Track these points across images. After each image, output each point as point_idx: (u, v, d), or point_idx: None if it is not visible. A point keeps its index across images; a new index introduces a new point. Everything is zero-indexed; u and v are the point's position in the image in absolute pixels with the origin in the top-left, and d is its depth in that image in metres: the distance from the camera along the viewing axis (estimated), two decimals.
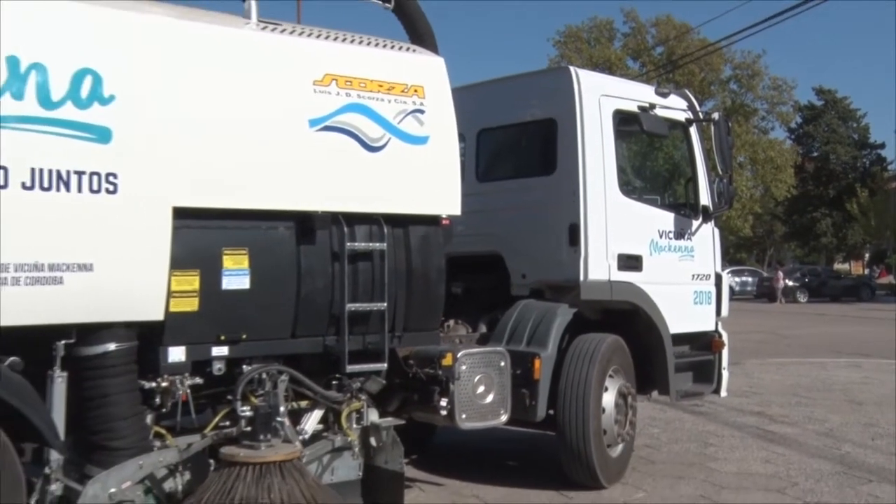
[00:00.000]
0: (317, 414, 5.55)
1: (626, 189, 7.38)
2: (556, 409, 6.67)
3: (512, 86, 7.91)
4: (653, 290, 7.23)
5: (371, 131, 5.47)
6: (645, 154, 9.01)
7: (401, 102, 5.62)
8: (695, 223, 7.78)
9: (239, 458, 4.88)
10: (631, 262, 7.19)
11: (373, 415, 5.72)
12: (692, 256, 7.73)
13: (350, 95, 5.42)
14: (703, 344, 7.91)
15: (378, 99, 5.53)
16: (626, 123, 7.36)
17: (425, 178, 5.75)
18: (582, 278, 6.90)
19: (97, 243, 4.48)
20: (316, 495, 4.97)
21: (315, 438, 5.51)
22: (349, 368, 5.43)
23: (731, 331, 8.30)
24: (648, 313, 7.21)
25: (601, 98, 7.17)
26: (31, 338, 4.41)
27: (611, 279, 7.04)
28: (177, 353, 4.85)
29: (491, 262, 7.36)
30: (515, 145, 8.13)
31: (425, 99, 5.73)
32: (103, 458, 4.68)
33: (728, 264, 41.73)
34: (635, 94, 7.53)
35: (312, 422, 5.53)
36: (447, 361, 5.86)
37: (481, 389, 6.03)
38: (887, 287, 50.74)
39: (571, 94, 7.05)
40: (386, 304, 5.51)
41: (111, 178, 4.51)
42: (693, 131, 7.94)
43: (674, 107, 7.76)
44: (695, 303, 7.77)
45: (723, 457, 7.98)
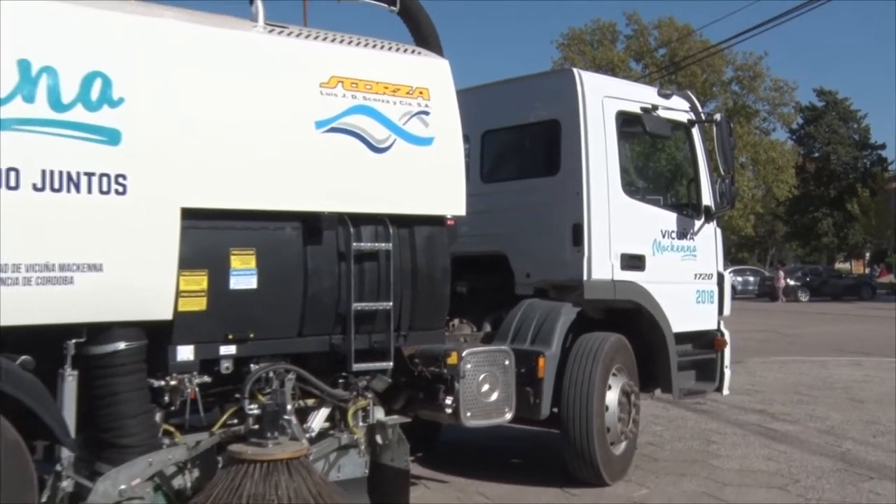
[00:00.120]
0: (323, 412, 5.56)
1: (630, 189, 7.37)
2: (560, 408, 6.67)
3: (516, 88, 7.91)
4: (656, 290, 7.22)
5: (377, 133, 5.48)
6: (648, 155, 9.01)
7: (406, 104, 5.63)
8: (697, 223, 7.76)
9: (247, 456, 4.89)
10: (634, 262, 7.18)
11: (379, 413, 5.72)
12: (694, 256, 7.72)
13: (356, 97, 5.42)
14: (706, 342, 7.90)
15: (383, 101, 5.53)
16: (629, 124, 7.36)
17: (430, 179, 5.75)
18: (585, 278, 6.89)
19: (107, 244, 4.49)
20: (322, 492, 4.98)
21: (322, 436, 5.52)
22: (355, 367, 5.44)
23: (734, 329, 8.29)
24: (651, 312, 7.21)
25: (604, 99, 7.16)
26: (43, 337, 4.43)
27: (614, 279, 7.04)
28: (185, 352, 4.86)
29: (495, 262, 7.36)
30: (519, 146, 8.12)
31: (430, 101, 5.74)
32: (113, 456, 4.69)
33: (730, 264, 41.68)
34: (638, 96, 7.53)
35: (319, 420, 5.53)
36: (452, 360, 5.86)
37: (486, 388, 6.03)
38: (888, 286, 50.64)
39: (575, 96, 7.04)
40: (391, 304, 5.51)
41: (120, 180, 4.52)
42: (695, 132, 7.93)
43: (676, 108, 7.75)
44: (697, 302, 7.76)
45: (725, 454, 7.97)
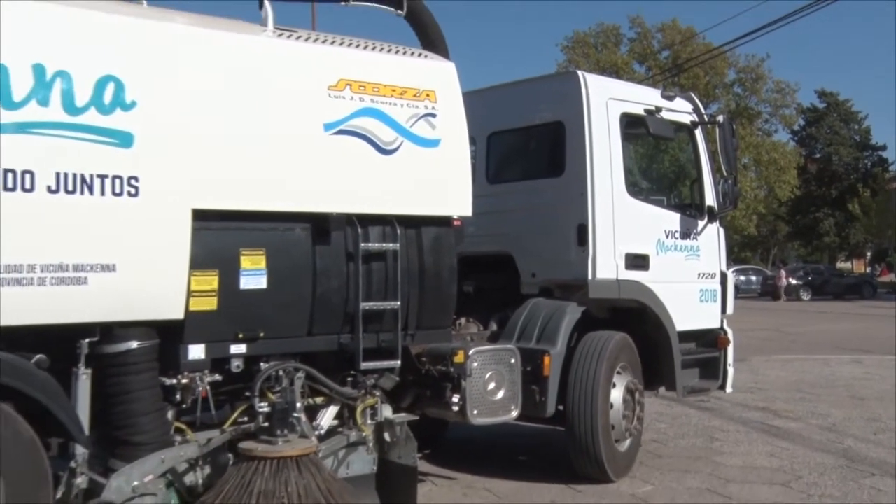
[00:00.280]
0: (332, 410, 5.56)
1: (633, 190, 7.36)
2: (566, 405, 6.66)
3: (521, 90, 7.91)
4: (659, 289, 7.21)
5: (384, 135, 5.48)
6: (651, 156, 8.99)
7: (413, 107, 5.62)
8: (700, 223, 7.75)
9: (257, 453, 4.90)
10: (638, 262, 7.17)
11: (387, 411, 5.72)
12: (698, 255, 7.70)
13: (364, 100, 5.42)
14: (709, 341, 7.89)
15: (391, 103, 5.53)
16: (633, 126, 7.35)
17: (437, 180, 5.75)
18: (590, 277, 6.89)
19: (120, 244, 4.50)
20: (332, 489, 4.98)
21: (330, 434, 5.52)
22: (363, 365, 5.44)
23: (737, 328, 8.28)
24: (655, 311, 7.20)
25: (608, 101, 7.15)
26: (57, 336, 4.44)
27: (618, 278, 7.03)
28: (197, 351, 4.87)
29: (501, 262, 7.35)
30: (525, 148, 8.11)
31: (437, 103, 5.73)
32: (126, 453, 4.70)
33: (733, 263, 41.63)
34: (642, 98, 7.52)
35: (328, 417, 5.53)
36: (459, 359, 5.86)
37: (492, 386, 6.03)
38: (888, 285, 50.45)
39: (579, 98, 7.04)
40: (399, 303, 5.52)
41: (133, 182, 4.53)
42: (698, 133, 7.92)
43: (679, 110, 7.74)
44: (701, 301, 7.75)
45: (728, 451, 7.95)
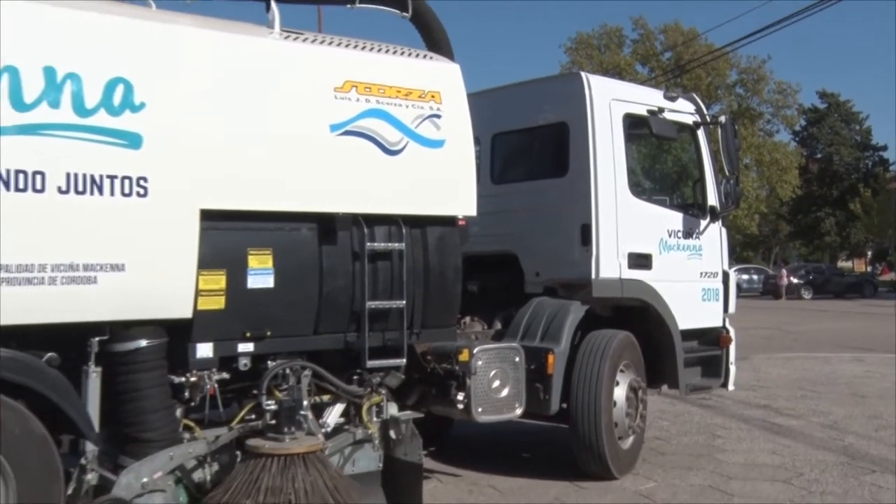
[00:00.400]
0: (338, 408, 5.56)
1: (636, 190, 7.35)
2: (569, 403, 6.66)
3: (525, 91, 7.90)
4: (662, 288, 7.20)
5: (390, 135, 5.48)
6: (654, 156, 8.97)
7: (418, 108, 5.63)
8: (703, 223, 7.74)
9: (264, 450, 4.91)
10: (641, 261, 7.16)
11: (392, 408, 5.73)
12: (700, 255, 7.69)
13: (369, 101, 5.43)
14: (712, 339, 7.87)
15: (396, 104, 5.53)
16: (636, 127, 7.34)
17: (442, 181, 5.75)
18: (594, 276, 6.88)
19: (129, 244, 4.51)
20: (338, 485, 4.99)
21: (337, 431, 5.52)
22: (369, 364, 5.45)
23: (739, 327, 8.26)
24: (658, 310, 7.19)
25: (612, 102, 7.15)
26: (68, 335, 4.46)
27: (621, 277, 7.02)
28: (205, 350, 4.88)
29: (506, 261, 7.35)
30: (529, 148, 8.11)
31: (442, 104, 5.74)
32: (136, 450, 4.72)
33: (735, 262, 41.54)
34: (644, 99, 7.51)
35: (334, 415, 5.54)
36: (464, 357, 5.86)
37: (497, 384, 6.02)
38: (889, 284, 50.36)
39: (583, 99, 7.03)
40: (404, 302, 5.52)
41: (142, 182, 4.54)
42: (700, 134, 7.90)
43: (682, 110, 7.73)
44: (703, 300, 7.73)
45: (730, 448, 7.94)
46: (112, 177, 4.45)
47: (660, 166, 9.28)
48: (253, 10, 5.56)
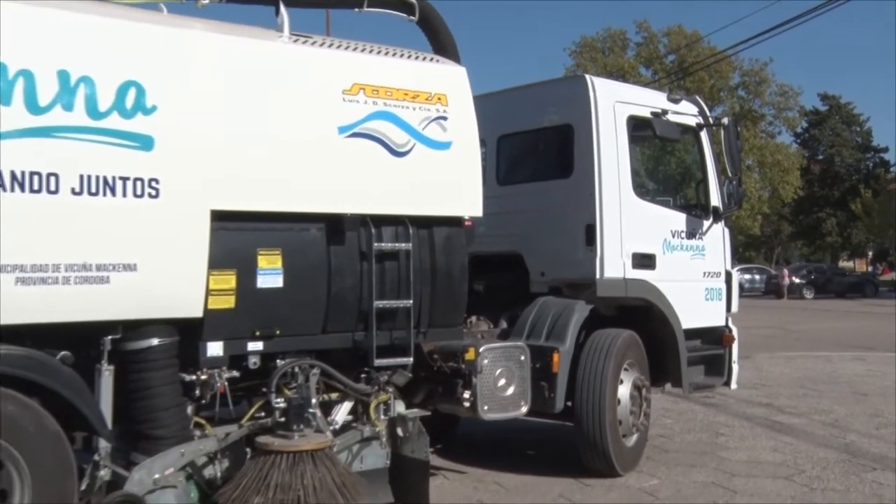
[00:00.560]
0: (346, 405, 5.57)
1: (640, 191, 7.33)
2: (574, 401, 6.65)
3: (530, 93, 7.90)
4: (666, 288, 7.19)
5: (397, 137, 5.49)
6: (658, 158, 8.96)
7: (425, 110, 5.63)
8: (706, 223, 7.72)
9: (274, 447, 4.92)
10: (645, 261, 7.15)
11: (399, 406, 5.73)
12: (703, 255, 7.68)
13: (377, 104, 5.43)
14: (714, 338, 7.85)
15: (403, 107, 5.54)
16: (640, 128, 7.33)
17: (448, 182, 5.75)
18: (598, 276, 6.87)
19: (141, 245, 4.53)
20: (346, 482, 5.00)
21: (345, 429, 5.53)
22: (377, 362, 5.45)
23: (741, 326, 8.24)
24: (662, 309, 7.18)
25: (616, 104, 7.14)
26: (81, 333, 4.48)
27: (625, 277, 7.01)
28: (215, 348, 4.90)
29: (511, 261, 7.35)
30: (534, 150, 8.11)
31: (448, 106, 5.74)
32: (148, 447, 4.73)
33: (737, 262, 41.41)
34: (648, 101, 7.51)
35: (342, 413, 5.55)
36: (470, 356, 5.86)
37: (502, 382, 6.02)
38: (890, 283, 50.21)
39: (587, 101, 7.03)
40: (411, 302, 5.52)
41: (153, 184, 4.56)
42: (703, 135, 7.89)
43: (685, 112, 7.72)
44: (706, 299, 7.72)
45: (733, 446, 7.93)
46: (124, 178, 4.46)
47: (663, 167, 9.27)
48: (262, 14, 5.58)
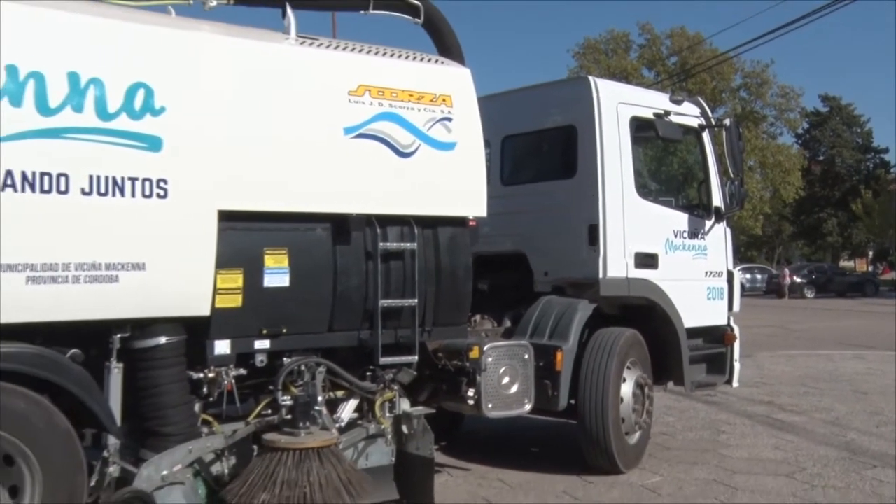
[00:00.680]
0: (352, 403, 5.57)
1: (643, 191, 7.32)
2: (577, 399, 6.65)
3: (534, 95, 7.89)
4: (668, 287, 7.18)
5: (402, 138, 5.49)
6: (660, 158, 8.95)
7: (430, 111, 5.63)
8: (708, 223, 7.71)
9: (280, 444, 4.92)
10: (647, 261, 7.14)
11: (405, 404, 5.73)
12: (705, 255, 7.66)
13: (382, 105, 5.43)
14: (716, 337, 7.84)
15: (408, 108, 5.54)
16: (643, 129, 7.32)
17: (453, 182, 5.75)
18: (601, 276, 6.86)
19: (149, 244, 4.53)
20: (351, 479, 5.00)
21: (350, 426, 5.53)
22: (382, 361, 5.45)
23: (743, 325, 8.23)
24: (664, 308, 7.17)
25: (619, 105, 7.13)
26: (90, 332, 4.49)
27: (628, 276, 7.00)
28: (222, 346, 4.90)
29: (515, 261, 7.34)
30: (538, 151, 8.10)
31: (453, 107, 5.73)
32: (156, 443, 4.74)
33: (739, 262, 41.27)
34: (651, 102, 7.50)
35: (348, 410, 5.55)
36: (474, 354, 5.85)
37: (506, 380, 6.01)
38: (890, 283, 50.10)
39: (591, 102, 7.02)
40: (416, 301, 5.52)
41: (162, 184, 4.56)
42: (706, 136, 7.87)
43: (687, 113, 7.70)
44: (708, 298, 7.71)
45: (735, 443, 7.92)
46: (133, 178, 4.47)
47: (666, 168, 9.25)
48: (269, 17, 5.58)
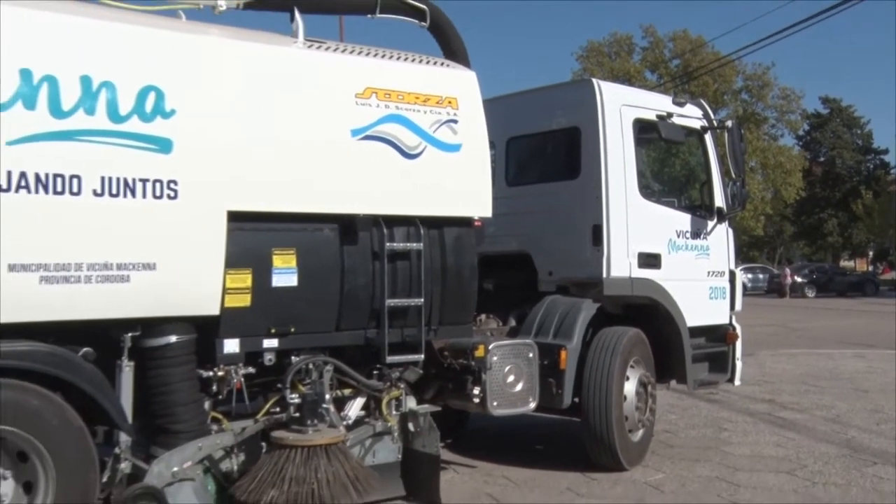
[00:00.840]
0: (359, 401, 5.57)
1: (646, 192, 7.31)
2: (581, 397, 6.64)
3: (539, 97, 7.88)
4: (671, 287, 7.16)
5: (408, 140, 5.49)
6: (663, 160, 8.93)
7: (436, 113, 5.63)
8: (710, 223, 7.69)
9: (288, 442, 4.93)
10: (650, 260, 7.12)
11: (411, 402, 5.73)
12: (708, 255, 7.64)
13: (389, 107, 5.43)
14: (718, 336, 7.82)
15: (415, 110, 5.54)
16: (646, 131, 7.30)
17: (459, 183, 5.75)
18: (605, 275, 6.85)
19: (160, 244, 4.54)
20: (359, 476, 5.01)
21: (358, 424, 5.53)
22: (389, 359, 5.46)
23: (744, 324, 8.21)
24: (667, 308, 7.15)
25: (622, 108, 7.11)
26: (102, 331, 4.49)
27: (631, 276, 6.99)
28: (231, 345, 4.91)
29: (520, 261, 7.33)
30: (542, 152, 8.09)
31: (458, 110, 5.73)
32: (166, 440, 4.75)
33: (741, 262, 41.21)
34: (654, 104, 7.48)
35: (355, 408, 5.55)
36: (480, 353, 5.84)
37: (511, 379, 6.00)
38: (890, 283, 49.97)
39: (594, 104, 7.00)
40: (422, 300, 5.52)
41: (172, 185, 4.57)
42: (708, 138, 7.85)
43: (690, 115, 7.68)
44: (710, 298, 7.68)
45: (736, 441, 7.89)
46: (144, 180, 4.48)
47: (668, 169, 9.24)
48: (278, 21, 5.59)
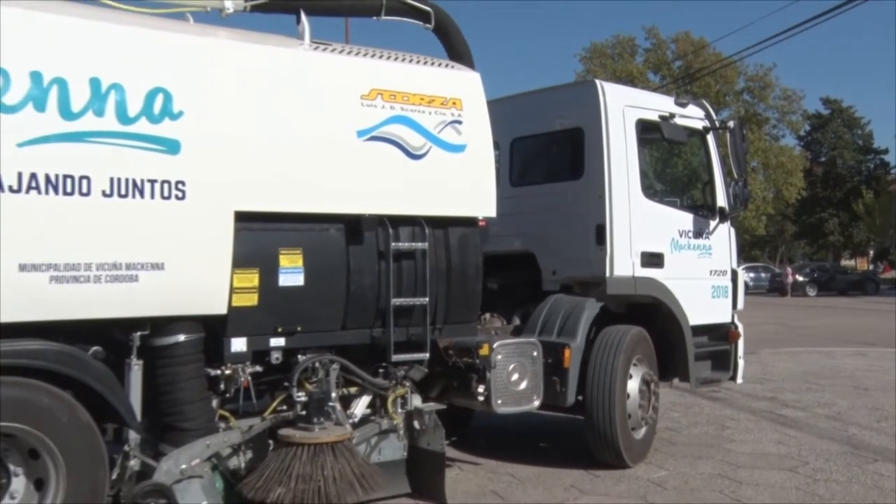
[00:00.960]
0: (365, 399, 5.57)
1: (649, 192, 7.29)
2: (585, 395, 6.62)
3: (542, 98, 7.87)
4: (674, 285, 7.15)
5: (413, 141, 5.48)
6: (666, 160, 8.91)
7: (440, 114, 5.62)
8: (712, 223, 7.67)
9: (295, 439, 4.93)
10: (653, 260, 7.11)
11: (416, 400, 5.73)
12: (710, 254, 7.63)
13: (394, 108, 5.43)
14: (721, 334, 7.81)
15: (420, 111, 5.53)
16: (648, 132, 7.29)
17: (463, 184, 5.74)
18: (608, 275, 6.84)
19: (168, 244, 4.54)
20: (364, 473, 5.01)
21: (363, 422, 5.54)
22: (394, 358, 5.45)
23: (746, 322, 8.20)
24: (670, 307, 7.14)
25: (625, 108, 7.10)
26: (111, 330, 4.50)
27: (634, 275, 6.98)
28: (239, 344, 4.91)
29: (524, 260, 7.33)
30: (546, 152, 8.08)
31: (463, 111, 5.73)
32: (175, 438, 4.75)
33: (743, 261, 41.21)
34: (656, 105, 7.46)
35: (361, 406, 5.55)
36: (484, 351, 5.83)
37: (515, 377, 5.99)
38: (890, 281, 49.88)
39: (597, 105, 6.99)
40: (427, 299, 5.52)
41: (180, 186, 4.57)
42: (710, 138, 7.83)
43: (692, 116, 7.66)
44: (712, 297, 7.67)
45: (739, 438, 7.87)
46: (152, 181, 4.48)
47: (671, 170, 9.22)
48: (284, 23, 5.59)
